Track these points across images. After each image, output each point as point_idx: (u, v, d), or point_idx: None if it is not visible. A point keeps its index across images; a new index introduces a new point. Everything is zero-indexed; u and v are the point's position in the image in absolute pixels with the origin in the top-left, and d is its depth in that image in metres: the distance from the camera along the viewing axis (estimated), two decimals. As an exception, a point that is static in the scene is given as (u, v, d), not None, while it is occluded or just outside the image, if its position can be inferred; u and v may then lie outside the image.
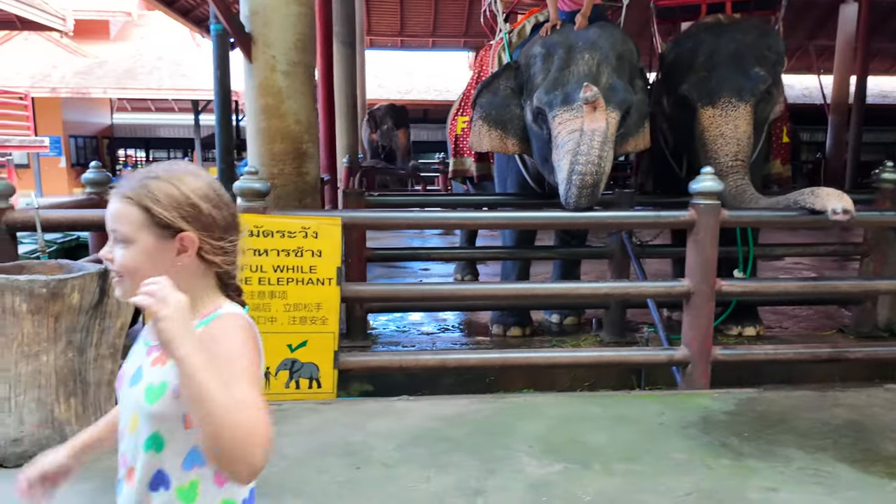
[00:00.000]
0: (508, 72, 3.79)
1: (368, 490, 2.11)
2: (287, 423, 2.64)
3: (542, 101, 3.32)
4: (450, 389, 3.66)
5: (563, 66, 3.35)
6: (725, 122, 3.55)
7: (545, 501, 2.05)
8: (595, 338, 4.10)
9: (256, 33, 3.50)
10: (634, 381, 3.87)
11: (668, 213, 2.95)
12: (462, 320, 4.64)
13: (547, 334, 4.24)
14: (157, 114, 21.93)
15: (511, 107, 3.72)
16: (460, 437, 2.49)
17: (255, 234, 2.78)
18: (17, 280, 2.23)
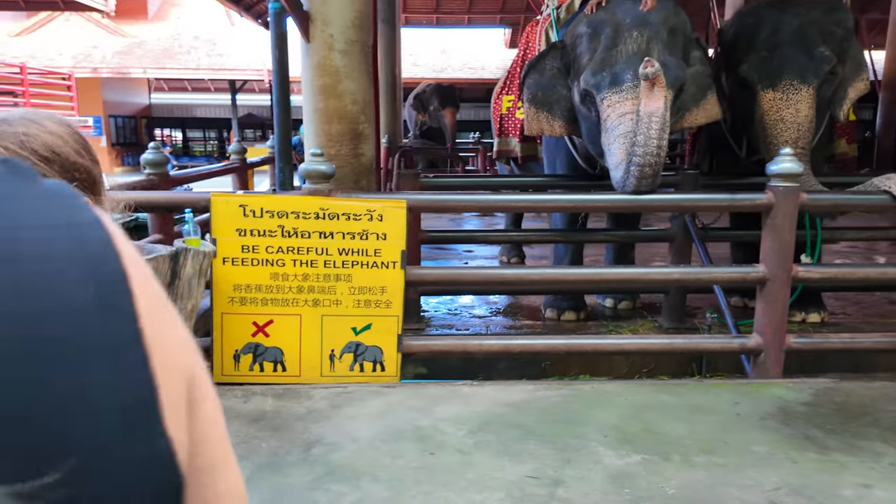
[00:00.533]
0: (555, 51, 3.67)
1: (445, 476, 2.09)
2: (353, 405, 2.64)
3: (590, 82, 3.20)
4: (505, 374, 3.63)
5: (610, 45, 3.20)
6: (786, 105, 3.40)
7: (628, 493, 2.00)
8: (652, 323, 4.01)
9: (314, 11, 3.45)
10: (695, 369, 3.78)
11: (743, 195, 2.83)
12: (513, 304, 4.58)
13: (601, 319, 4.16)
14: (194, 93, 22.18)
15: (558, 87, 3.60)
16: (531, 425, 2.45)
17: (321, 217, 2.75)
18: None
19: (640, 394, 2.75)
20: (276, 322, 2.83)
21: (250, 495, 1.76)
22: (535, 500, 1.96)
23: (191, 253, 2.50)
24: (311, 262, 2.79)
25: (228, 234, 2.74)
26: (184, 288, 2.51)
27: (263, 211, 2.74)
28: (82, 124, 12.18)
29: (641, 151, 2.84)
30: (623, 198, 2.88)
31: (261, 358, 2.85)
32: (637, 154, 2.85)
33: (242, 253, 2.77)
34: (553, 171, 4.26)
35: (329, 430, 2.42)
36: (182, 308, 2.53)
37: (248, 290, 2.80)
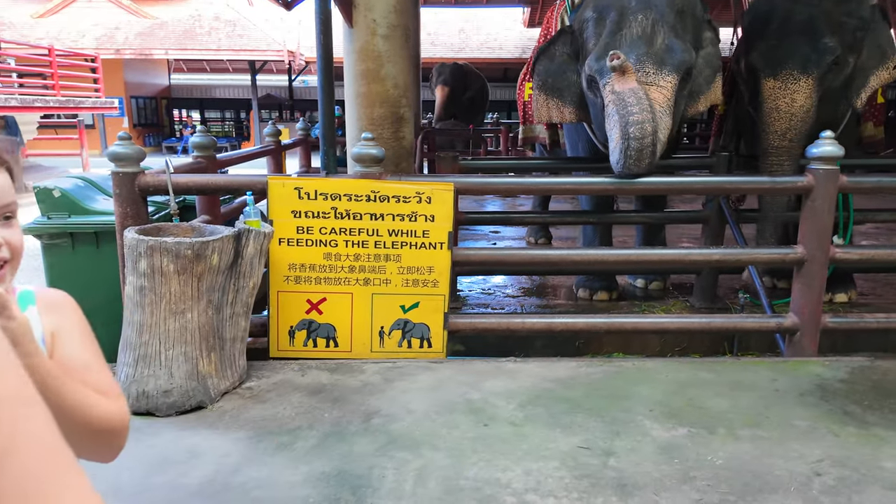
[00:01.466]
0: (564, 37, 3.64)
1: (501, 446, 2.20)
2: (405, 379, 2.75)
3: (593, 68, 3.17)
4: (541, 352, 3.73)
5: (615, 29, 3.17)
6: (783, 94, 3.43)
7: (677, 464, 2.10)
8: (684, 303, 4.08)
9: (357, -4, 3.50)
10: (726, 347, 3.86)
11: (784, 178, 2.87)
12: (544, 284, 4.67)
13: (632, 299, 4.24)
14: (212, 74, 22.25)
15: (568, 73, 3.59)
16: (578, 399, 2.55)
17: (371, 199, 2.84)
18: (165, 242, 2.36)
19: (680, 371, 2.84)
20: (328, 300, 2.94)
21: (322, 460, 1.89)
22: (589, 468, 2.06)
23: (252, 234, 2.60)
24: (363, 243, 2.89)
25: (284, 215, 2.84)
26: (246, 266, 2.62)
27: (317, 193, 2.83)
28: (109, 106, 12.30)
29: (632, 132, 2.79)
30: (666, 180, 2.94)
31: (314, 334, 2.96)
32: (628, 135, 2.80)
33: (297, 234, 2.87)
34: (575, 153, 4.30)
35: (385, 402, 2.54)
36: (244, 286, 2.65)
37: (303, 269, 2.91)
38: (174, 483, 1.98)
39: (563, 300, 4.28)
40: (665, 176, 2.94)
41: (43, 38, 15.24)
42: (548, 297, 4.41)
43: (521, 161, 4.34)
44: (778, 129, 3.38)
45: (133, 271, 2.40)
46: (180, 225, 2.73)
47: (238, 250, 2.58)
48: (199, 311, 2.47)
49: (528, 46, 18.30)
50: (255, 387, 2.67)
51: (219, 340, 2.58)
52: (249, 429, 2.32)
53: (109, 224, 3.04)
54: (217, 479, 2.00)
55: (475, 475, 2.02)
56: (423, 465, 2.08)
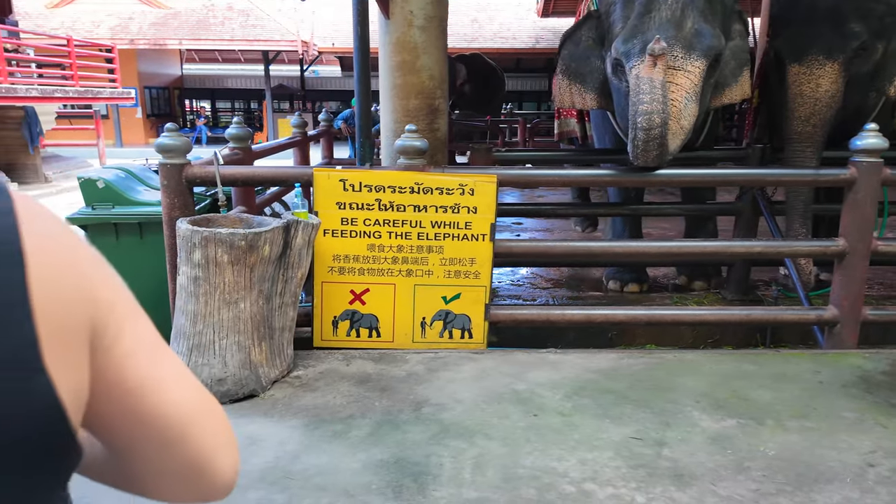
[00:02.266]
0: (590, 21, 3.60)
1: (553, 436, 2.23)
2: (449, 370, 2.78)
3: (620, 50, 3.10)
4: (573, 343, 3.75)
5: (643, 11, 3.10)
6: (808, 80, 3.42)
7: (730, 454, 2.12)
8: (716, 295, 4.09)
9: (395, -12, 3.51)
10: (759, 339, 3.87)
11: (827, 170, 2.87)
12: (573, 275, 4.68)
13: (662, 290, 4.25)
14: (224, 64, 22.27)
15: (591, 59, 3.55)
16: (623, 390, 2.57)
17: (415, 191, 2.86)
18: (220, 233, 2.39)
19: (722, 363, 2.86)
20: (371, 291, 2.97)
21: (378, 448, 1.93)
22: (643, 458, 2.09)
23: (301, 225, 2.63)
24: (406, 235, 2.92)
25: (329, 207, 2.87)
26: (295, 257, 2.65)
27: (362, 185, 2.86)
28: (125, 96, 12.35)
29: (640, 122, 2.74)
30: (707, 172, 2.94)
31: (357, 324, 3.00)
32: (636, 125, 2.75)
33: (342, 225, 2.90)
34: (603, 145, 4.27)
35: (432, 391, 2.57)
36: (293, 276, 2.68)
37: (347, 260, 2.94)
38: (237, 469, 2.02)
39: (593, 291, 4.29)
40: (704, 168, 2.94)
41: (58, 29, 15.30)
42: (577, 288, 4.42)
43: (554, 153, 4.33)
44: (802, 115, 3.37)
45: (187, 262, 2.44)
46: (228, 216, 2.77)
47: (287, 241, 2.61)
48: (252, 301, 2.51)
49: (541, 36, 18.20)
50: (303, 375, 2.71)
51: (269, 330, 2.62)
52: (303, 417, 2.36)
53: (153, 215, 3.09)
54: (278, 466, 2.04)
55: (531, 464, 2.06)
56: (479, 453, 2.12)
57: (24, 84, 9.38)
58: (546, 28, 18.08)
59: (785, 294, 3.89)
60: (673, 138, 2.79)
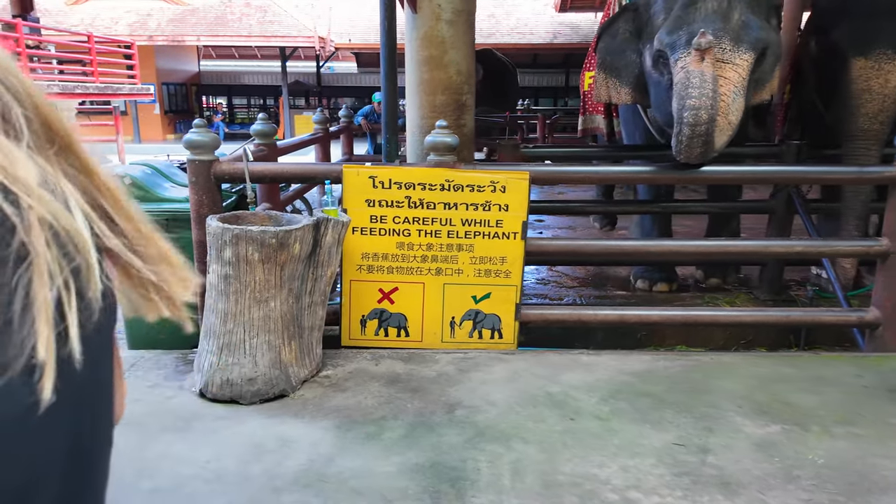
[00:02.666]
0: (627, 13, 3.52)
1: (592, 441, 2.17)
2: (480, 371, 2.73)
3: (664, 42, 3.01)
4: (602, 343, 3.67)
5: (689, 2, 3.01)
6: (876, 75, 3.31)
7: (777, 462, 2.05)
8: (748, 295, 4.00)
9: (422, -19, 3.45)
10: (792, 340, 3.77)
11: (872, 168, 2.78)
12: (598, 274, 4.61)
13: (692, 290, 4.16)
14: (241, 61, 22.33)
15: (627, 52, 3.48)
16: (661, 394, 2.50)
17: (445, 188, 2.81)
18: (251, 231, 2.35)
19: (759, 366, 2.78)
20: (400, 289, 2.92)
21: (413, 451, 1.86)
22: (687, 466, 2.03)
23: (331, 223, 2.59)
24: (436, 233, 2.86)
25: (358, 204, 2.83)
26: (324, 255, 2.61)
27: (391, 182, 2.81)
28: (144, 92, 12.41)
29: (686, 117, 2.65)
30: (750, 169, 2.86)
31: (386, 323, 2.95)
32: (682, 120, 2.67)
33: (371, 223, 2.85)
34: (633, 141, 4.20)
35: (464, 393, 2.52)
36: (322, 275, 2.64)
37: (376, 258, 2.89)
38: (271, 472, 1.98)
39: (620, 290, 4.22)
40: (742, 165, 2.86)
41: (77, 25, 15.41)
42: (604, 287, 4.35)
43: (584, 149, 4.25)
44: (869, 112, 3.26)
45: (217, 259, 2.40)
46: (257, 213, 2.73)
47: (317, 239, 2.57)
48: (282, 300, 2.47)
49: (559, 32, 18.04)
50: (332, 375, 2.67)
51: (298, 329, 2.59)
52: (334, 418, 2.32)
53: (180, 211, 3.06)
54: (312, 469, 2.00)
55: (572, 470, 2.00)
56: (517, 458, 2.06)
57: (46, 80, 9.44)
58: (564, 23, 17.92)
59: (820, 294, 3.79)
60: (720, 135, 2.71)
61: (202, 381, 2.46)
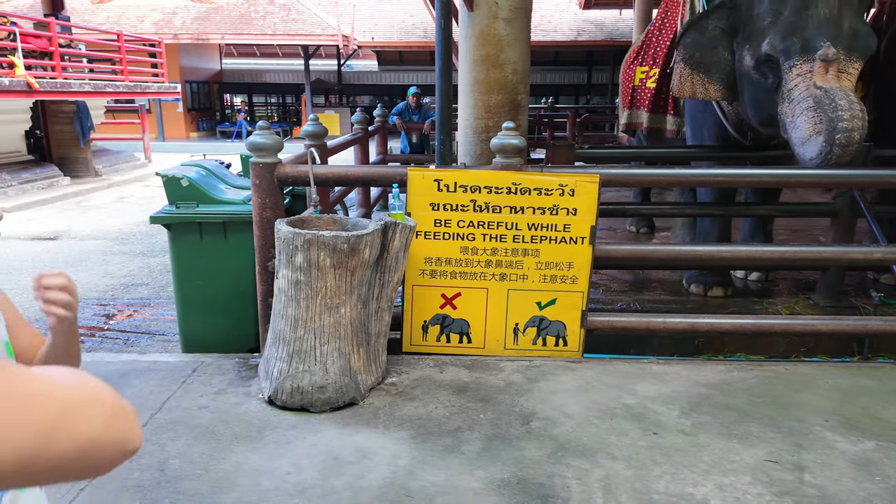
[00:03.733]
0: (720, 11, 3.43)
1: (681, 457, 2.08)
2: (548, 380, 2.65)
3: (777, 47, 2.98)
4: (657, 349, 3.58)
5: (800, 7, 2.95)
6: None
7: (879, 481, 1.95)
8: (806, 301, 3.88)
9: (480, -22, 3.37)
10: (855, 349, 3.65)
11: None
12: (646, 278, 4.50)
13: (747, 295, 4.04)
14: (262, 59, 22.38)
15: (719, 49, 3.39)
16: (743, 407, 2.41)
17: (512, 192, 2.73)
18: (323, 236, 2.29)
19: (838, 377, 2.67)
20: (463, 295, 2.85)
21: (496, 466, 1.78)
22: (785, 485, 1.94)
23: (399, 227, 2.52)
24: (501, 237, 2.79)
25: (422, 208, 2.76)
26: (392, 260, 2.55)
27: (457, 185, 2.74)
28: (171, 90, 12.44)
29: (847, 120, 2.65)
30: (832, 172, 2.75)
31: (448, 329, 2.89)
32: (834, 141, 2.67)
33: (435, 227, 2.78)
34: (700, 140, 4.09)
35: (536, 404, 2.44)
36: (389, 280, 2.57)
37: (439, 263, 2.82)
38: (354, 486, 1.92)
39: (671, 295, 4.11)
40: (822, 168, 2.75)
41: (104, 24, 15.50)
42: (654, 291, 4.24)
43: (642, 150, 4.14)
44: None
45: (288, 265, 2.35)
46: (322, 217, 2.67)
47: (384, 244, 2.51)
48: (351, 306, 2.41)
49: (582, 28, 17.86)
50: (398, 383, 2.61)
51: (366, 336, 2.53)
52: (408, 428, 2.26)
53: (237, 214, 3.01)
54: (395, 483, 1.94)
55: (665, 489, 1.92)
56: (605, 475, 1.99)
57: (77, 79, 9.48)
58: (588, 20, 17.73)
59: (885, 301, 3.67)
60: None
61: (271, 387, 2.41)
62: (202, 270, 3.09)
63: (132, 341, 3.77)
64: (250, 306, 3.00)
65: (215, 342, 3.13)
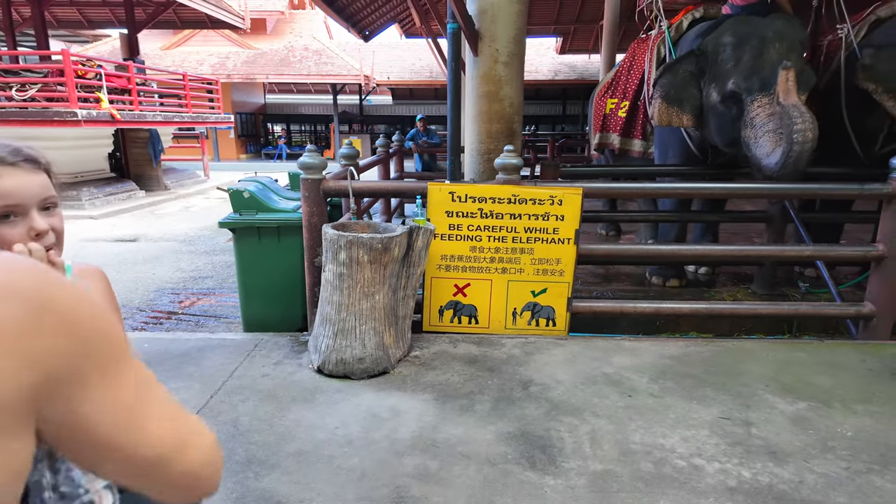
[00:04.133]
0: (689, 58, 3.47)
1: (652, 415, 2.10)
2: (541, 353, 2.67)
3: (741, 86, 3.03)
4: (626, 330, 3.59)
5: (757, 54, 3.02)
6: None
7: (812, 434, 1.97)
8: (746, 290, 3.89)
9: (484, 30, 3.38)
10: (786, 329, 3.67)
11: (871, 185, 2.67)
12: (615, 272, 4.52)
13: (694, 286, 4.06)
14: (298, 95, 22.37)
15: (689, 87, 3.43)
16: (700, 375, 2.43)
17: (512, 202, 2.75)
18: (361, 237, 2.31)
19: (776, 351, 2.69)
20: (472, 285, 2.87)
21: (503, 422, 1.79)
22: (736, 436, 1.95)
23: (422, 231, 2.54)
24: (503, 238, 2.80)
25: (439, 215, 2.77)
26: (416, 257, 2.56)
27: (467, 196, 2.75)
28: (226, 121, 12.45)
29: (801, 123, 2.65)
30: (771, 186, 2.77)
31: (459, 313, 2.90)
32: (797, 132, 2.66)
33: (449, 230, 2.80)
34: (664, 158, 4.10)
35: (533, 372, 2.46)
36: (414, 273, 2.59)
37: (452, 259, 2.84)
38: (390, 437, 1.94)
39: (636, 286, 4.12)
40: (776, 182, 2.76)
41: (171, 66, 15.50)
42: (622, 282, 4.25)
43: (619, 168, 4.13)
44: None
45: (333, 261, 2.36)
46: (359, 222, 2.69)
47: (410, 244, 2.52)
48: (384, 294, 2.42)
49: (558, 70, 17.84)
50: (420, 356, 2.63)
51: (395, 317, 2.54)
52: (430, 392, 2.28)
53: (288, 220, 3.02)
54: (423, 436, 1.96)
55: (641, 440, 1.93)
56: (591, 429, 2.00)
57: (150, 111, 9.47)
58: (563, 63, 17.73)
59: (810, 291, 3.69)
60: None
61: (319, 359, 2.42)
62: (260, 265, 3.10)
63: (201, 323, 3.78)
64: (299, 294, 3.02)
65: (270, 323, 3.14)
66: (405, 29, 12.83)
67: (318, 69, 16.13)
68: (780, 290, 3.86)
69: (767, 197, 3.48)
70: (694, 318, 3.57)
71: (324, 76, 16.09)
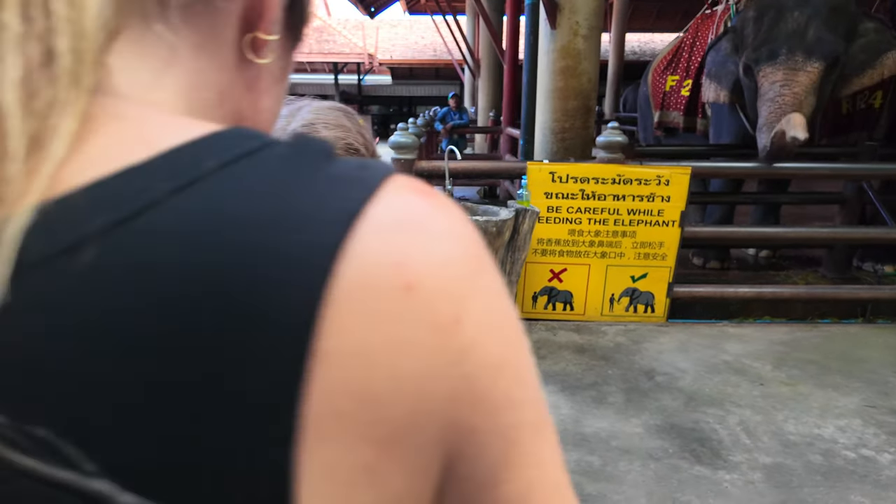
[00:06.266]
0: (729, 34, 3.50)
1: (794, 404, 2.04)
2: (648, 341, 2.59)
3: (750, 57, 3.04)
4: (701, 314, 3.53)
5: (772, 25, 3.01)
6: None
7: (967, 423, 1.92)
8: (815, 273, 3.85)
9: (563, 1, 3.24)
10: (859, 312, 3.64)
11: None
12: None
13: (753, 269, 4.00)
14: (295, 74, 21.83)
15: (728, 64, 3.44)
16: (821, 361, 2.37)
17: (616, 182, 2.64)
18: (477, 220, 2.19)
19: (881, 336, 2.65)
20: (568, 270, 2.77)
21: (645, 414, 1.68)
22: (890, 425, 1.90)
23: (528, 213, 2.43)
24: (604, 221, 2.71)
25: (538, 196, 2.66)
26: (521, 241, 2.45)
27: (568, 177, 2.64)
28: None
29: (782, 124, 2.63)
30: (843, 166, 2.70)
31: (554, 299, 2.81)
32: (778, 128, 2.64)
33: (548, 213, 2.69)
34: (718, 137, 4.03)
35: (650, 361, 2.38)
36: (519, 258, 2.49)
37: (549, 243, 2.74)
38: (536, 433, 1.85)
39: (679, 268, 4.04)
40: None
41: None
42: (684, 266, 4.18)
43: (693, 146, 4.04)
44: None
45: (446, 245, 2.25)
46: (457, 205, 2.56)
47: (515, 227, 2.41)
48: (496, 281, 2.32)
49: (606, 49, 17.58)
50: (525, 345, 2.53)
51: (502, 305, 2.44)
52: (552, 383, 2.19)
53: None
54: (569, 430, 1.87)
55: (796, 430, 1.87)
56: (740, 420, 1.94)
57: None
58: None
59: (887, 274, 3.65)
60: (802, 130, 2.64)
61: (429, 350, 2.32)
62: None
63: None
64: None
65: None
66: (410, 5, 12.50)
67: (320, 47, 15.71)
68: (852, 273, 3.83)
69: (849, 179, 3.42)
70: (766, 303, 3.52)
71: (325, 55, 15.68)
